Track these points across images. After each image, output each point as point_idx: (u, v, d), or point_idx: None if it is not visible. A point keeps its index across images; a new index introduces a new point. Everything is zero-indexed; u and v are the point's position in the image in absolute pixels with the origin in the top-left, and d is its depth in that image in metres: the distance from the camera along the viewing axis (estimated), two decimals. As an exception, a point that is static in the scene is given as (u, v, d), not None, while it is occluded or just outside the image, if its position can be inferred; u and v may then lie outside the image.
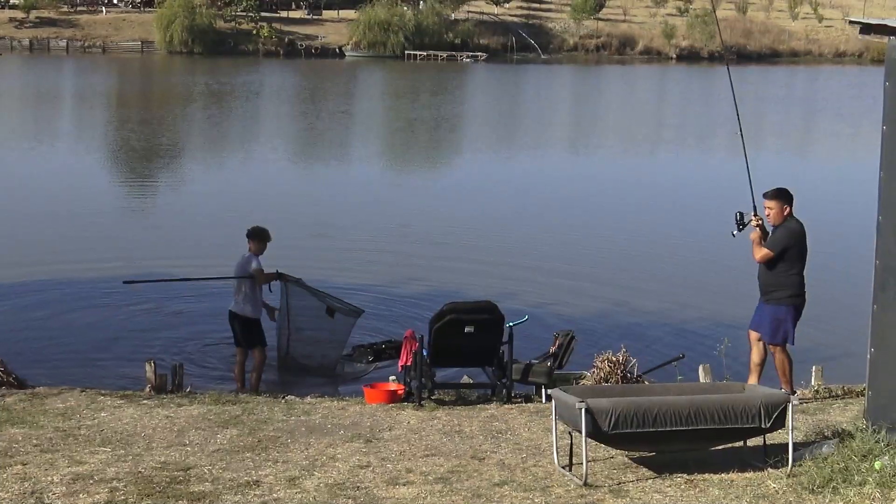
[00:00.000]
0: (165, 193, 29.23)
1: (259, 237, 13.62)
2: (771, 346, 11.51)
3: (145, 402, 11.27)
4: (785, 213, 11.49)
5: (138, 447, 9.52)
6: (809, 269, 11.62)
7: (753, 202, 11.77)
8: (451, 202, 28.64)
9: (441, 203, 28.47)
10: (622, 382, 11.71)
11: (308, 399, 11.73)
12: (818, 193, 28.42)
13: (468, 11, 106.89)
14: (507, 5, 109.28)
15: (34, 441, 9.62)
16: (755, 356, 11.67)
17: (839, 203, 28.33)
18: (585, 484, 8.49)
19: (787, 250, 11.40)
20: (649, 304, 18.28)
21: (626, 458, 9.20)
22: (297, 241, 20.66)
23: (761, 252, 11.49)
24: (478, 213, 26.44)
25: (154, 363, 12.22)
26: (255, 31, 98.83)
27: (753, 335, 11.70)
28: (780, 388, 10.93)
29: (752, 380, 11.33)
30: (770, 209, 11.50)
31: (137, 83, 69.15)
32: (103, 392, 11.74)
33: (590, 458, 8.68)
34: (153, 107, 53.76)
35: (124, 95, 60.45)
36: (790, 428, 8.85)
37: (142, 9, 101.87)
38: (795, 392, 11.15)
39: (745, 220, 11.68)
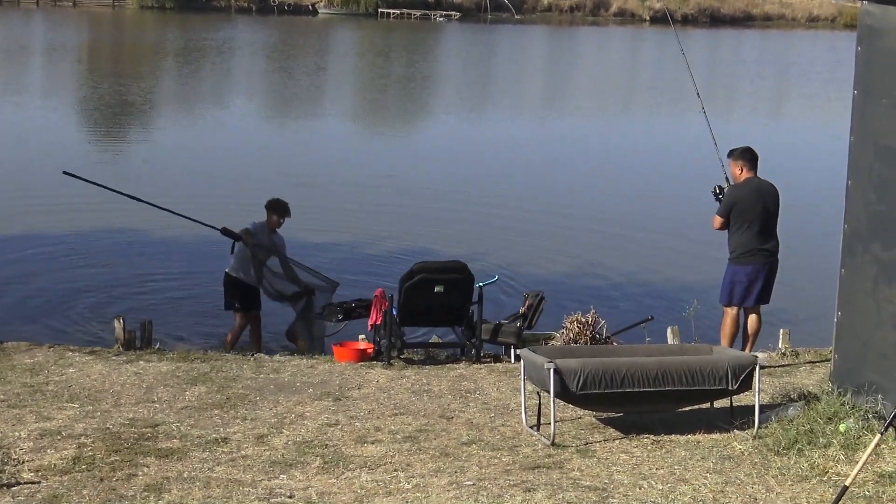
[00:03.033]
0: (140, 148, 29.02)
1: (280, 211, 13.49)
2: None
3: (113, 358, 11.23)
4: (740, 173, 11.49)
5: (106, 404, 9.51)
6: (780, 232, 11.64)
7: (724, 172, 11.84)
8: (422, 162, 28.61)
9: (413, 163, 28.43)
10: (591, 343, 11.74)
11: (277, 357, 11.72)
12: (789, 157, 28.52)
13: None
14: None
15: (1, 396, 9.58)
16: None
17: (810, 167, 28.45)
18: (553, 444, 8.54)
19: (732, 209, 11.41)
20: (619, 266, 18.34)
21: (593, 419, 9.25)
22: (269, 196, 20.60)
23: (714, 220, 11.58)
24: (449, 174, 26.42)
25: (123, 319, 12.16)
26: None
27: None
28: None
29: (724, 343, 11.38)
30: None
31: (111, 38, 68.50)
32: (71, 348, 11.69)
33: (558, 419, 8.71)
34: (129, 62, 53.31)
35: (98, 50, 59.88)
36: (757, 390, 8.92)
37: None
38: None
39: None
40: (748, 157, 11.51)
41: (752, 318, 11.65)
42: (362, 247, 18.70)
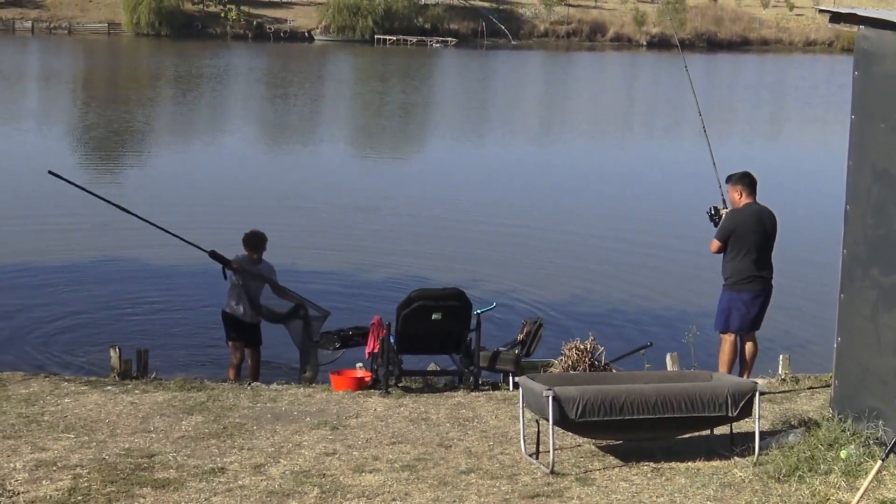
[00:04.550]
0: (138, 174, 28.99)
1: (251, 244, 13.25)
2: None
3: (109, 388, 11.17)
4: (739, 198, 11.44)
5: (102, 434, 9.45)
6: (778, 257, 11.61)
7: (722, 195, 11.78)
8: (420, 188, 28.61)
9: (410, 189, 28.43)
10: (590, 370, 11.70)
11: (274, 386, 11.67)
12: (788, 181, 28.55)
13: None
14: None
15: (-4, 427, 9.53)
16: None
17: (809, 191, 28.46)
18: (552, 472, 8.48)
19: (731, 235, 11.35)
20: (617, 293, 18.30)
21: (593, 447, 9.19)
22: (264, 225, 20.57)
23: (711, 244, 11.50)
24: (447, 199, 26.41)
25: (119, 349, 12.11)
26: (223, 14, 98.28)
27: None
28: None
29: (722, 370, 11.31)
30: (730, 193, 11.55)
31: (108, 65, 68.69)
32: (67, 378, 11.64)
33: (557, 447, 8.66)
34: (127, 89, 53.41)
35: (95, 77, 60.02)
36: (757, 416, 8.87)
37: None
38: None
39: (720, 215, 11.66)
40: (747, 181, 11.46)
41: (749, 344, 11.60)
42: (359, 273, 18.66)
